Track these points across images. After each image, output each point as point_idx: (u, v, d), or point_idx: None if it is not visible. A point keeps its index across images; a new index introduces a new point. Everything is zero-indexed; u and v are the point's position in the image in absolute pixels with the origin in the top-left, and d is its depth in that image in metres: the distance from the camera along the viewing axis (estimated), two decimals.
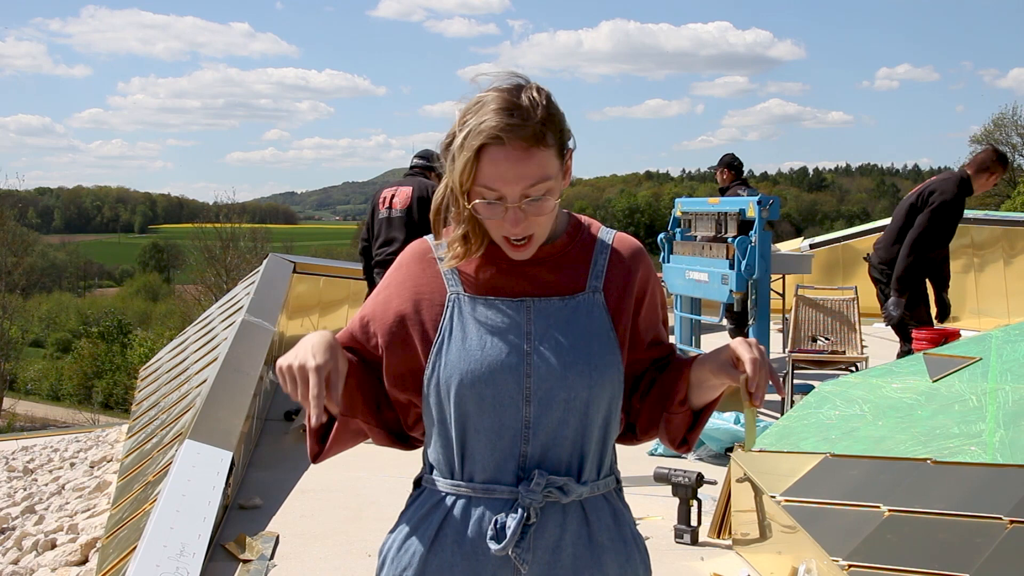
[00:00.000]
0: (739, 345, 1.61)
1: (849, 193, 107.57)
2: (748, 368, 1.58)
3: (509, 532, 1.59)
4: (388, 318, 1.72)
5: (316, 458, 1.74)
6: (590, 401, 1.64)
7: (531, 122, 1.58)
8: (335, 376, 1.58)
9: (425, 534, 1.66)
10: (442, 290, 1.70)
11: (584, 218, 1.79)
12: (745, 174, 9.31)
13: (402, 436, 1.80)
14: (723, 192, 8.85)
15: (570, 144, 1.66)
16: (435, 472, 1.70)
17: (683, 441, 1.78)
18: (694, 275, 8.00)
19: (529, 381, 1.62)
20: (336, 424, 1.71)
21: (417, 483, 1.76)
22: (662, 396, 1.75)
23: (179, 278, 59.63)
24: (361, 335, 1.75)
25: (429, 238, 1.77)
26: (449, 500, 1.66)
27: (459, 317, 1.66)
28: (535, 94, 1.61)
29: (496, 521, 1.61)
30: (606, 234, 1.77)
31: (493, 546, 1.60)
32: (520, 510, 1.61)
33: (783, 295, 9.57)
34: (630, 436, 1.83)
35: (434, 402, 1.66)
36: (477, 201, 1.61)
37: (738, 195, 8.38)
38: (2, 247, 34.43)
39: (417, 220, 6.57)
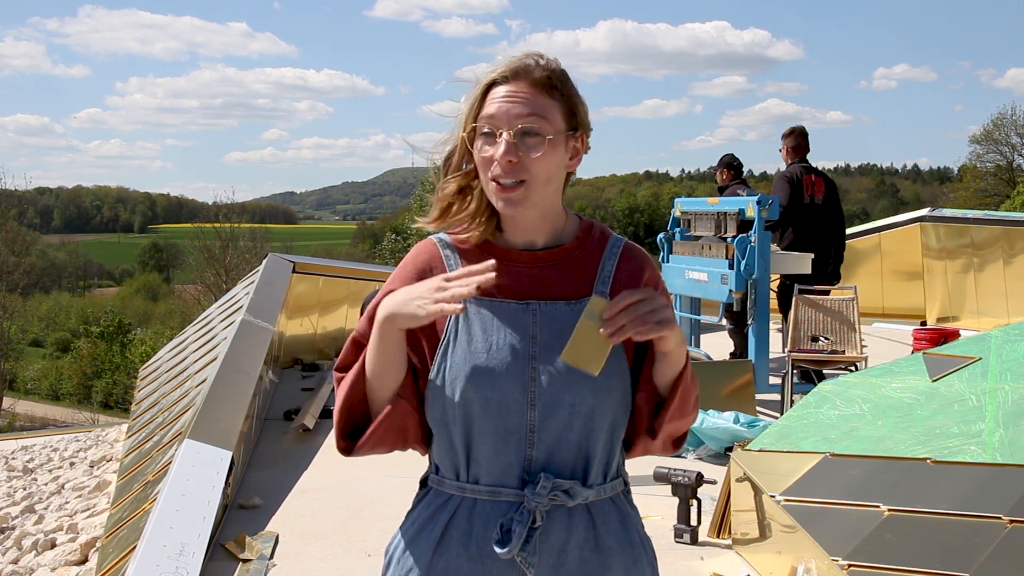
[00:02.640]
0: (632, 291, 1.57)
1: (849, 193, 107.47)
2: (624, 298, 1.54)
3: (515, 536, 1.59)
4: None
5: (350, 451, 1.68)
6: (595, 406, 1.63)
7: (541, 68, 1.65)
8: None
9: (431, 535, 1.66)
10: None
11: (597, 223, 1.79)
12: (744, 174, 9.32)
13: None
14: (722, 192, 8.85)
15: (585, 125, 1.70)
16: (441, 473, 1.69)
17: (650, 429, 1.70)
18: (694, 275, 8.01)
19: (534, 385, 1.61)
20: (388, 409, 1.65)
21: (423, 482, 1.75)
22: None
23: (179, 278, 59.72)
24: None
25: (434, 238, 1.77)
26: (455, 502, 1.66)
27: (464, 319, 1.66)
28: (552, 59, 1.68)
29: (502, 524, 1.61)
30: (616, 241, 1.77)
31: (499, 549, 1.59)
32: (526, 513, 1.60)
33: None
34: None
35: (438, 404, 1.65)
36: (475, 125, 1.64)
37: (737, 195, 8.38)
38: (2, 247, 34.45)
39: None
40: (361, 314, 7.14)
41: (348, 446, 1.69)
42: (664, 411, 1.69)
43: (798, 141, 8.14)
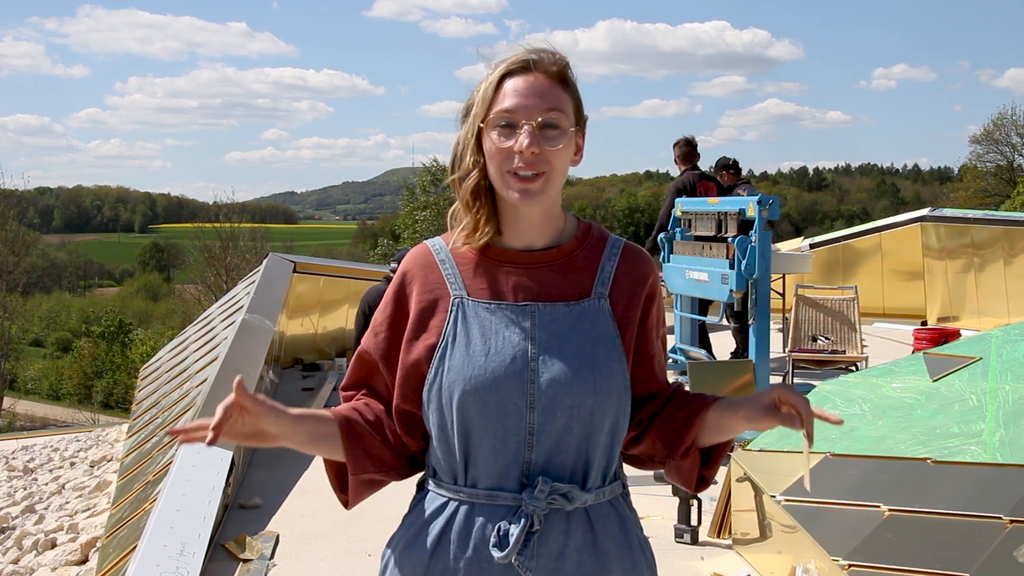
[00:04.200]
0: (783, 391, 1.61)
1: (849, 193, 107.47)
2: (803, 410, 1.58)
3: (512, 540, 1.57)
4: (396, 326, 1.71)
5: (347, 505, 1.79)
6: (595, 408, 1.61)
7: (556, 62, 1.66)
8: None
9: (427, 539, 1.64)
10: (446, 294, 1.67)
11: (595, 224, 1.77)
12: (744, 173, 9.39)
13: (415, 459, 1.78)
14: (730, 193, 8.94)
15: (584, 123, 1.70)
16: (438, 476, 1.68)
17: (701, 479, 1.75)
18: (694, 275, 8.01)
19: (533, 387, 1.60)
20: (351, 481, 1.74)
21: (420, 485, 1.74)
22: (664, 439, 1.72)
23: (179, 278, 59.63)
24: (374, 348, 1.73)
25: (429, 242, 1.76)
26: (452, 505, 1.64)
27: (463, 321, 1.64)
28: (560, 53, 1.69)
29: (499, 528, 1.59)
30: (615, 241, 1.76)
31: (496, 553, 1.58)
32: (523, 517, 1.58)
33: (783, 295, 9.58)
34: (632, 460, 1.81)
35: (435, 408, 1.64)
36: (492, 116, 1.63)
37: (738, 195, 8.41)
38: (2, 247, 34.43)
39: None
40: (358, 316, 7.09)
41: (347, 499, 1.78)
42: (715, 464, 1.75)
43: (684, 150, 8.64)
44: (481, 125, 1.64)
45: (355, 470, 1.71)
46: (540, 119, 1.61)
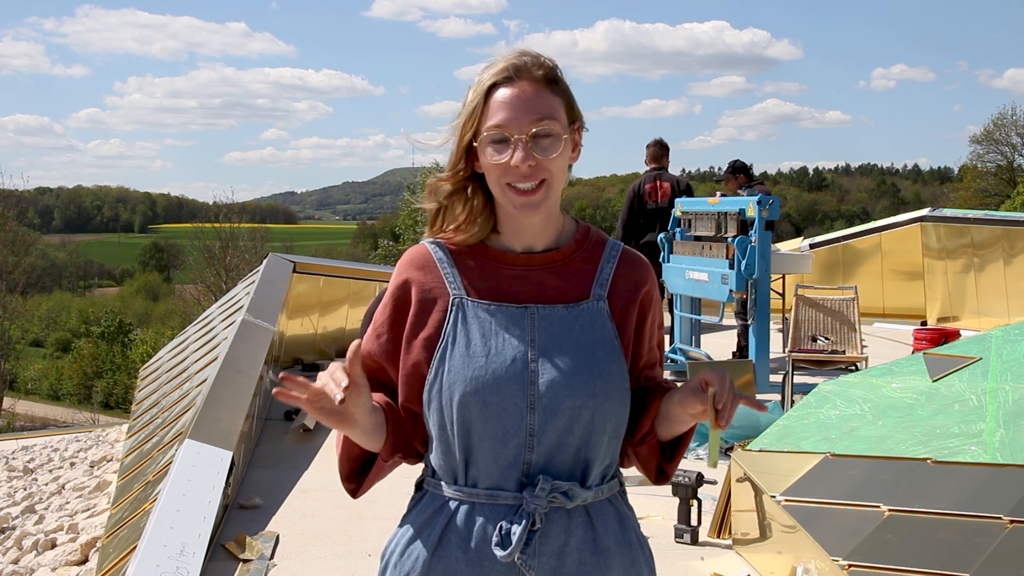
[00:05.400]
0: (709, 371, 1.61)
1: (849, 193, 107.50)
2: (716, 385, 1.57)
3: (515, 539, 1.58)
4: (397, 326, 1.71)
5: (355, 494, 1.75)
6: (595, 409, 1.62)
7: (542, 66, 1.65)
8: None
9: (428, 539, 1.65)
10: (445, 294, 1.68)
11: (593, 227, 1.78)
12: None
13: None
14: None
15: (580, 119, 1.70)
16: (437, 476, 1.68)
17: (660, 472, 1.76)
18: (694, 275, 8.01)
19: (533, 389, 1.60)
20: (376, 466, 1.71)
21: (419, 485, 1.74)
22: (628, 428, 1.73)
23: (179, 278, 59.62)
24: (378, 350, 1.72)
25: (427, 243, 1.76)
26: (452, 505, 1.64)
27: (462, 322, 1.64)
28: (546, 56, 1.68)
29: (501, 527, 1.60)
30: (614, 244, 1.77)
31: (499, 552, 1.58)
32: (525, 516, 1.59)
33: (783, 295, 9.57)
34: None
35: (435, 408, 1.64)
36: (485, 133, 1.62)
37: (738, 195, 8.43)
38: (2, 247, 34.41)
39: None
40: (363, 321, 6.99)
41: (355, 488, 1.73)
42: (676, 458, 1.75)
43: (653, 151, 9.31)
44: (475, 144, 1.65)
45: (387, 455, 1.70)
46: (532, 130, 1.61)
